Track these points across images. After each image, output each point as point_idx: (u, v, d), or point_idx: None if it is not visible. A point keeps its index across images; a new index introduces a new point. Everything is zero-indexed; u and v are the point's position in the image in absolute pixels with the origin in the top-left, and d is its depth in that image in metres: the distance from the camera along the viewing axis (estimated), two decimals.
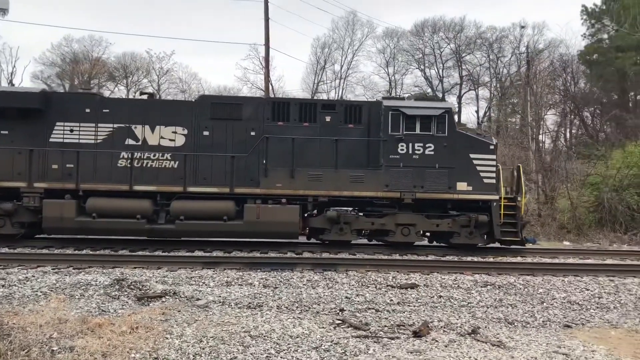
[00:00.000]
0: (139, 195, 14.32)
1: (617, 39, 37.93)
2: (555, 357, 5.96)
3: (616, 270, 11.93)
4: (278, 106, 15.06)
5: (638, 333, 7.47)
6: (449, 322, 7.43)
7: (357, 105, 15.46)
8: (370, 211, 14.76)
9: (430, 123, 14.63)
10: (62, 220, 14.01)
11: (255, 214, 14.18)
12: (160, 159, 14.61)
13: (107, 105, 14.94)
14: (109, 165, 14.41)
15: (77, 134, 14.62)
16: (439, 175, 14.58)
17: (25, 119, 14.43)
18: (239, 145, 14.69)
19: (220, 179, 14.46)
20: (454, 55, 45.20)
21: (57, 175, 14.33)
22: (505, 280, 10.44)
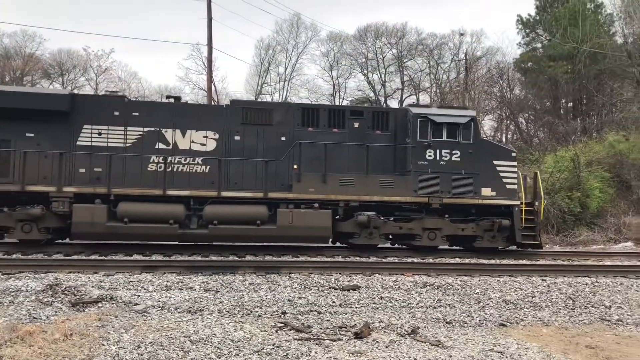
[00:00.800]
0: (171, 200, 14.11)
1: (549, 49, 39.58)
2: (491, 355, 6.14)
3: (548, 270, 12.45)
4: (308, 112, 15.32)
5: (568, 330, 7.81)
6: (389, 323, 7.53)
7: (384, 112, 15.99)
8: (398, 216, 15.07)
9: (456, 130, 15.07)
10: (93, 226, 13.59)
11: (288, 218, 14.28)
12: (192, 164, 14.57)
13: (137, 109, 14.79)
14: (138, 169, 14.24)
15: (106, 138, 14.36)
16: (465, 181, 15.04)
17: (52, 122, 14.02)
18: (270, 150, 14.81)
19: (252, 183, 14.57)
20: (396, 61, 45.95)
21: (84, 179, 14.02)
22: (444, 281, 10.69)
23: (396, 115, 15.66)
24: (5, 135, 13.89)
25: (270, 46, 47.43)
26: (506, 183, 15.28)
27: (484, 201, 15.12)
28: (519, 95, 43.44)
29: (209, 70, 28.23)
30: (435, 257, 14.39)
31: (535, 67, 41.14)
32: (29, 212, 13.61)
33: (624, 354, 6.54)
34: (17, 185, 13.68)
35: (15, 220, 13.69)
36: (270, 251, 14.39)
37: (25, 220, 13.67)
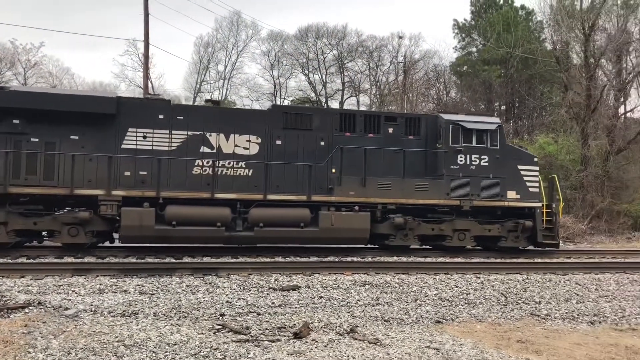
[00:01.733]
0: (218, 203, 14.19)
1: (484, 53, 40.98)
2: (427, 352, 6.26)
3: (482, 267, 12.83)
4: (345, 117, 15.85)
5: (500, 325, 8.06)
6: (328, 322, 7.55)
7: (416, 118, 16.50)
8: (430, 218, 15.62)
9: (484, 136, 15.93)
10: (141, 229, 13.55)
11: (330, 220, 14.67)
12: (235, 167, 14.77)
13: (181, 112, 14.88)
14: (183, 172, 14.37)
15: (151, 141, 14.39)
16: (492, 184, 15.84)
17: (97, 124, 13.98)
18: (310, 155, 15.23)
19: (293, 186, 14.88)
20: (337, 62, 46.35)
21: (129, 182, 14.01)
22: (383, 280, 10.82)
23: (427, 121, 16.39)
24: (50, 138, 13.77)
25: (209, 44, 46.88)
26: (529, 186, 16.18)
27: (510, 203, 15.96)
28: (454, 98, 44.69)
29: (146, 67, 27.51)
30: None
31: (470, 70, 42.48)
32: (77, 215, 13.41)
33: (552, 347, 6.81)
34: (66, 189, 13.47)
35: (61, 223, 13.46)
36: (210, 253, 14.16)
37: (72, 224, 13.47)
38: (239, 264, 12.20)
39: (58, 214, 13.52)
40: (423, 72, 44.65)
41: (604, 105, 31.08)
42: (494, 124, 16.39)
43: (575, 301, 10.05)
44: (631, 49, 33.83)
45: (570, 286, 11.22)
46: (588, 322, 8.64)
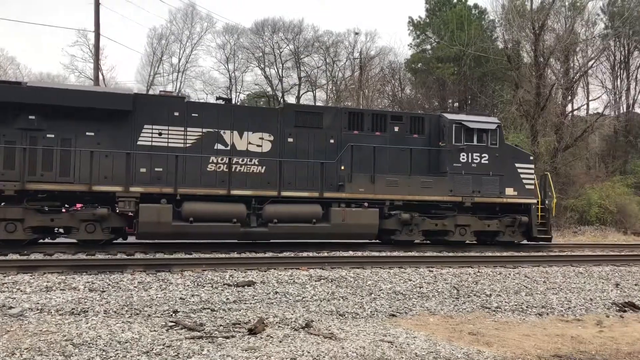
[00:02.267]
0: (233, 200, 14.46)
1: (438, 50, 41.58)
2: (381, 345, 6.31)
3: (435, 261, 13.05)
4: (353, 116, 16.34)
5: (453, 318, 8.21)
6: (284, 318, 7.52)
7: (420, 117, 17.14)
8: (434, 214, 16.22)
9: (485, 135, 16.67)
10: (159, 225, 13.64)
11: (341, 216, 15.12)
12: (249, 164, 15.09)
13: (196, 110, 15.00)
14: (198, 169, 14.54)
15: (166, 138, 14.49)
16: (492, 182, 16.62)
17: (113, 121, 14.03)
18: (320, 152, 15.68)
19: (304, 183, 15.34)
20: (293, 57, 46.19)
21: (145, 179, 14.10)
22: (338, 274, 10.87)
23: (430, 120, 17.01)
24: (66, 134, 13.75)
25: (163, 36, 45.93)
26: (525, 184, 17.02)
27: (508, 200, 16.77)
28: (409, 95, 45.23)
29: (96, 58, 26.75)
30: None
31: (424, 67, 43.05)
32: (96, 212, 13.50)
33: (501, 338, 6.98)
34: (84, 185, 13.55)
35: (78, 220, 13.53)
36: (162, 249, 13.91)
37: (89, 220, 13.55)
38: (192, 260, 12.03)
39: (76, 211, 13.56)
40: (379, 68, 45.02)
41: (552, 103, 32.07)
42: (494, 123, 17.17)
43: (524, 293, 10.34)
44: (578, 49, 35.03)
45: (520, 279, 11.53)
46: (536, 313, 8.89)
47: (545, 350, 6.41)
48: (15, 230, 13.11)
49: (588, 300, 9.98)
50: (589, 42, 35.90)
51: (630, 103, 42.85)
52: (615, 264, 13.96)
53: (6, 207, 13.24)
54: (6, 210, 13.17)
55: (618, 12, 39.87)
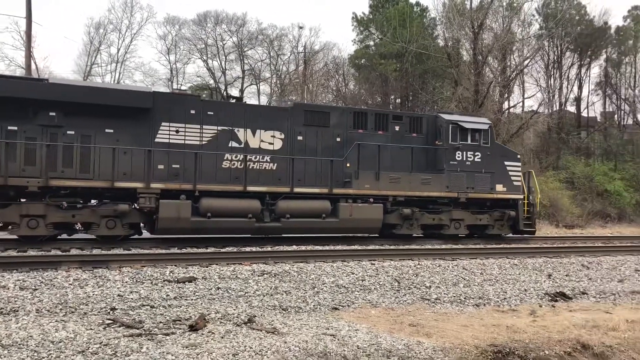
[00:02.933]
0: (248, 196, 14.95)
1: (381, 47, 42.02)
2: (324, 338, 6.33)
3: (377, 254, 13.22)
4: (358, 115, 17.07)
5: (394, 310, 8.34)
6: (226, 313, 7.44)
7: (418, 117, 18.16)
8: (432, 209, 17.18)
9: (477, 135, 17.77)
10: (179, 221, 13.96)
11: (348, 212, 15.86)
12: (261, 161, 15.56)
13: (211, 108, 15.40)
14: (214, 166, 14.89)
15: (183, 135, 14.80)
16: (484, 178, 17.73)
17: (132, 118, 14.20)
18: (327, 150, 16.35)
19: (312, 180, 15.93)
20: (237, 49, 45.63)
21: (163, 175, 14.35)
22: (281, 269, 10.84)
23: (427, 120, 17.96)
24: (86, 131, 13.88)
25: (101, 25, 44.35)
26: (513, 180, 18.25)
27: (498, 195, 17.95)
28: (353, 90, 45.57)
29: (28, 46, 25.53)
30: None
31: (368, 63, 43.43)
32: (117, 208, 13.70)
33: (440, 329, 7.14)
34: (106, 182, 13.74)
35: (99, 216, 13.68)
36: (100, 245, 13.48)
37: (110, 216, 13.73)
38: (131, 256, 11.69)
39: (97, 207, 13.77)
40: (323, 63, 45.13)
41: (490, 100, 33.04)
42: (486, 124, 18.36)
43: (462, 285, 10.62)
44: (514, 49, 36.25)
45: (458, 271, 11.84)
46: (474, 304, 9.16)
47: (482, 340, 6.60)
48: (37, 227, 13.17)
49: (522, 290, 10.37)
50: (524, 42, 37.20)
51: (563, 101, 44.78)
52: (547, 256, 14.55)
53: (29, 203, 13.20)
54: (29, 206, 13.16)
55: (552, 14, 41.51)
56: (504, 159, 18.26)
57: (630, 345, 6.84)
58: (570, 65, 46.03)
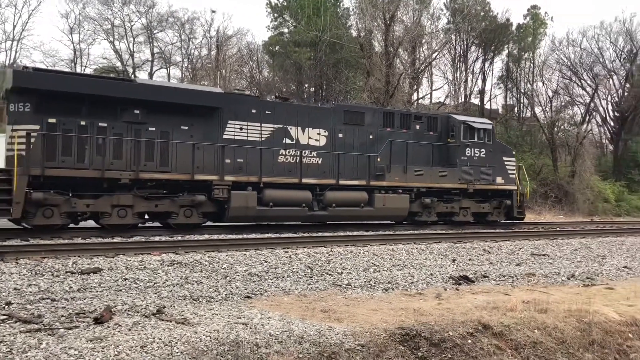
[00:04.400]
0: (302, 187, 16.69)
1: (295, 35, 41.99)
2: (236, 327, 6.27)
3: (290, 242, 13.28)
4: (387, 115, 19.32)
5: (306, 297, 8.40)
6: (134, 305, 7.18)
7: (435, 117, 20.58)
8: (445, 199, 19.50)
9: (483, 133, 20.32)
10: (247, 209, 15.60)
11: (382, 201, 17.93)
12: (309, 156, 17.34)
13: (269, 107, 17.00)
14: (271, 160, 16.50)
15: (246, 132, 16.38)
16: (487, 172, 20.29)
17: (204, 116, 15.66)
18: (362, 146, 18.30)
19: (351, 173, 17.74)
20: (146, 31, 43.90)
21: (229, 169, 15.72)
22: (192, 258, 10.62)
23: (441, 120, 20.39)
24: (165, 128, 15.16)
25: None
26: (510, 173, 20.96)
27: (498, 187, 20.58)
28: (267, 77, 45.29)
29: None
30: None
31: (282, 51, 43.27)
32: (195, 198, 15.05)
33: (351, 314, 7.29)
34: (186, 175, 15.11)
35: (178, 206, 14.96)
36: None
37: (188, 206, 15.06)
38: (29, 246, 11.03)
39: (177, 197, 14.98)
40: (236, 49, 44.46)
41: (400, 91, 33.98)
42: (489, 124, 21.23)
43: (372, 270, 10.90)
44: (424, 41, 37.44)
45: (369, 257, 12.13)
46: (383, 289, 9.42)
47: (391, 323, 6.80)
48: (126, 216, 14.28)
49: (429, 275, 10.79)
50: (433, 35, 38.55)
51: (468, 93, 46.87)
52: (452, 241, 15.24)
53: (120, 194, 14.21)
54: (120, 197, 14.22)
55: (459, 9, 43.23)
56: (503, 154, 20.97)
57: (526, 324, 7.30)
58: (475, 59, 48.27)
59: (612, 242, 17.50)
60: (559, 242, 16.54)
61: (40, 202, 13.29)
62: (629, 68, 47.30)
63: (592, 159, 41.69)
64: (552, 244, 16.10)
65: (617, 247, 16.54)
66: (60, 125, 13.87)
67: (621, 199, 39.74)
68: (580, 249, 15.56)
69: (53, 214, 13.53)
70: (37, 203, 13.27)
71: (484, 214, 20.69)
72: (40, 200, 13.24)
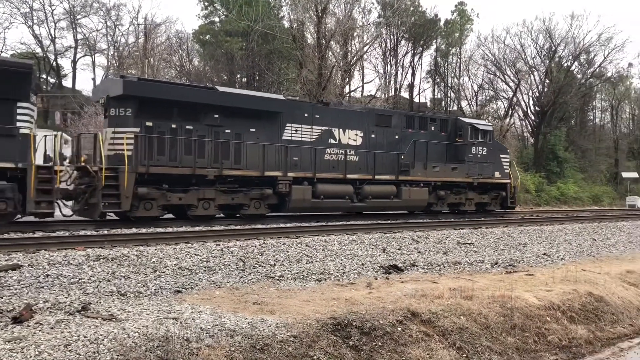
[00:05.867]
0: (346, 182, 19.10)
1: (226, 24, 41.36)
2: (166, 322, 6.14)
3: (222, 235, 13.12)
4: (409, 118, 22.28)
5: (238, 290, 8.33)
6: (57, 302, 6.88)
7: (445, 120, 23.53)
8: (455, 191, 22.50)
9: (485, 134, 23.41)
10: (304, 202, 17.91)
11: (408, 193, 20.69)
12: (348, 154, 19.67)
13: (317, 112, 19.31)
14: (320, 158, 18.83)
15: (300, 134, 18.63)
16: (488, 167, 23.29)
17: (268, 120, 17.79)
18: (389, 145, 20.83)
19: (382, 169, 20.20)
20: (68, 16, 41.98)
21: (290, 166, 17.85)
22: (120, 252, 10.29)
23: (450, 122, 23.32)
24: (238, 130, 17.27)
25: None
26: (505, 168, 24.04)
27: (496, 180, 23.63)
28: (198, 67, 44.40)
29: None
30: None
31: (213, 40, 42.55)
32: (264, 192, 17.28)
33: (284, 306, 7.29)
34: (257, 171, 17.25)
35: (249, 199, 17.10)
36: None
37: (257, 199, 17.20)
38: None
39: (249, 191, 17.12)
40: (165, 37, 43.28)
41: (332, 84, 34.20)
42: (490, 126, 24.91)
43: (305, 262, 10.94)
44: (355, 35, 37.78)
45: (302, 248, 12.17)
46: (316, 280, 9.48)
47: (323, 313, 6.86)
48: (209, 208, 16.30)
49: (360, 265, 10.95)
50: (364, 29, 39.00)
51: (398, 87, 47.80)
52: (383, 232, 15.54)
53: (205, 188, 16.23)
54: (205, 191, 16.22)
55: (389, 3, 43.90)
56: (500, 152, 24.03)
57: (452, 311, 7.56)
58: (405, 53, 49.27)
59: (533, 230, 18.41)
60: (483, 231, 17.21)
61: (144, 196, 15.20)
62: (548, 65, 49.73)
63: (515, 151, 43.61)
64: (477, 233, 16.73)
65: (537, 235, 17.42)
66: (155, 128, 15.81)
67: (541, 189, 41.83)
68: (503, 238, 16.26)
69: (152, 207, 15.47)
70: (141, 197, 15.16)
71: (484, 204, 23.74)
72: (145, 194, 15.20)
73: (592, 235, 18.45)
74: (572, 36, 49.23)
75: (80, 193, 14.70)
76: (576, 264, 12.18)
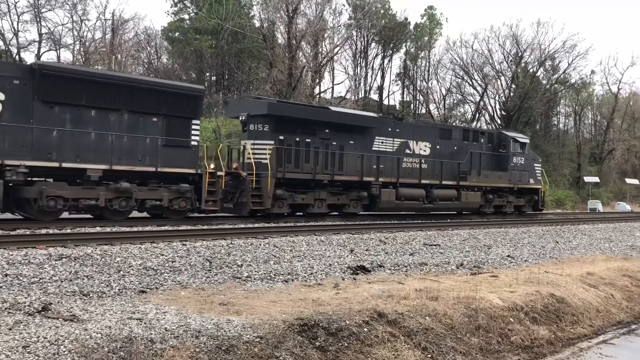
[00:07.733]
0: (419, 186, 22.15)
1: (196, 22, 40.96)
2: (129, 323, 6.03)
3: (188, 234, 12.97)
4: (464, 131, 25.80)
5: (204, 290, 8.24)
6: (15, 302, 6.68)
7: (491, 133, 27.35)
8: (499, 195, 25.49)
9: (523, 146, 26.84)
10: (390, 202, 21.18)
11: (466, 197, 23.80)
12: (421, 163, 22.69)
13: (397, 126, 22.66)
14: (399, 166, 21.97)
15: (385, 145, 21.91)
16: (525, 175, 26.53)
17: (362, 134, 21.21)
18: (450, 155, 23.92)
19: (446, 175, 23.17)
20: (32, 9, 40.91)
21: (375, 173, 20.97)
22: (83, 252, 10.07)
23: (495, 135, 26.94)
24: (341, 142, 20.49)
25: None
26: (537, 176, 27.39)
27: (531, 186, 26.92)
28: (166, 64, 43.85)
29: None
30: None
31: (182, 37, 42.09)
32: (360, 194, 20.48)
33: (250, 306, 7.24)
34: (356, 176, 20.47)
35: (350, 199, 20.27)
36: None
37: (355, 199, 20.37)
38: None
39: (349, 192, 20.35)
40: (133, 33, 42.59)
41: (302, 84, 34.20)
42: (527, 139, 28.38)
43: (272, 262, 10.89)
44: (326, 36, 37.90)
45: (269, 249, 12.12)
46: (283, 280, 9.44)
47: (290, 314, 6.83)
48: (322, 207, 19.55)
49: (328, 265, 10.96)
50: (335, 30, 39.16)
51: (368, 89, 48.08)
52: (351, 232, 15.59)
53: (320, 190, 19.44)
54: (320, 193, 19.44)
55: (360, 5, 44.12)
56: (534, 161, 27.37)
57: (418, 312, 7.62)
58: (375, 55, 49.59)
59: (497, 232, 18.71)
60: (449, 233, 17.43)
61: (279, 197, 18.28)
62: (514, 70, 50.70)
63: None
64: (442, 235, 16.93)
65: (501, 237, 17.71)
66: (285, 141, 19.11)
67: None
68: (468, 240, 16.49)
69: (283, 205, 18.52)
70: (277, 197, 18.19)
71: (520, 206, 26.82)
72: (280, 195, 18.32)
73: (555, 238, 18.85)
74: (538, 42, 50.33)
75: (229, 194, 17.65)
76: (539, 265, 12.41)
